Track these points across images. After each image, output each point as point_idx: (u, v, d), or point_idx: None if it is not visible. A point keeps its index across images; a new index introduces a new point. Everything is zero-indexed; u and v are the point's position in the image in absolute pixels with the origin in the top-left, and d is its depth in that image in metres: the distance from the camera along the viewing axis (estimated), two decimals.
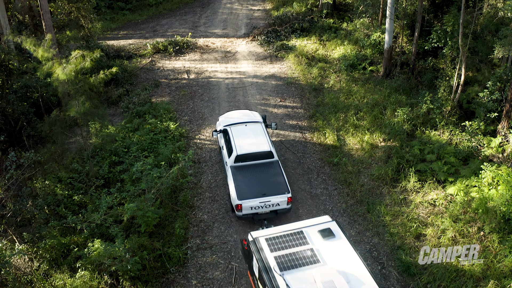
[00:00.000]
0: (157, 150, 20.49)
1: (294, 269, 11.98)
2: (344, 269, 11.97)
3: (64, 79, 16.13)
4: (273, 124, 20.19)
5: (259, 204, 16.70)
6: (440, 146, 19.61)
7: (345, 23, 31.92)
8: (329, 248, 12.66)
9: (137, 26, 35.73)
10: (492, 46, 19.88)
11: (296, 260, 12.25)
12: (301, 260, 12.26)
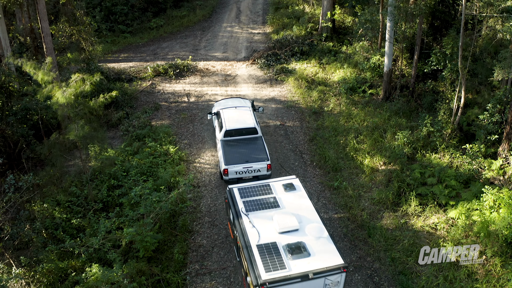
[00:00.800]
0: (156, 173, 20.39)
1: (257, 210, 15.18)
2: (298, 212, 15.06)
3: (64, 102, 16.11)
4: (260, 108, 23.26)
5: (242, 169, 19.42)
6: (440, 169, 19.51)
7: (344, 46, 32.07)
8: (289, 198, 15.85)
9: (138, 49, 35.90)
10: (491, 68, 19.90)
11: (260, 204, 15.45)
12: (264, 205, 15.44)
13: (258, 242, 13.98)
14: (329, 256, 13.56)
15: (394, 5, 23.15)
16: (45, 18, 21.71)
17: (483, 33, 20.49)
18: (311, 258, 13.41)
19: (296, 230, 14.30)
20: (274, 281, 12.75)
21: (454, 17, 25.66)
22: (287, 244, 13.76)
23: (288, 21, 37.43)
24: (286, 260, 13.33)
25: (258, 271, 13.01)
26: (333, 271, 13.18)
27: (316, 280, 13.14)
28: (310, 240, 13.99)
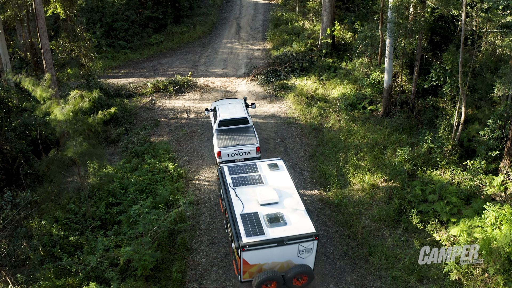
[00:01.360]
0: (155, 191, 20.26)
1: (243, 186, 17.35)
2: (279, 188, 17.12)
3: (62, 119, 16.04)
4: (253, 105, 25.26)
5: (234, 151, 21.49)
6: (441, 186, 19.40)
7: (344, 62, 32.09)
8: (272, 176, 17.98)
9: (138, 65, 35.95)
10: (491, 84, 19.88)
11: (246, 181, 17.63)
12: (250, 181, 17.64)
13: (242, 212, 16.04)
14: (303, 225, 15.42)
15: (394, 21, 23.19)
16: (45, 34, 21.71)
17: (483, 48, 20.49)
18: (287, 227, 15.35)
19: (276, 203, 16.37)
20: (253, 244, 14.73)
21: (453, 33, 25.72)
22: (267, 214, 15.78)
23: (288, 37, 37.52)
24: (265, 228, 15.30)
25: (240, 236, 15.00)
26: (306, 238, 15.06)
27: (291, 245, 15.06)
28: (288, 212, 16.00)
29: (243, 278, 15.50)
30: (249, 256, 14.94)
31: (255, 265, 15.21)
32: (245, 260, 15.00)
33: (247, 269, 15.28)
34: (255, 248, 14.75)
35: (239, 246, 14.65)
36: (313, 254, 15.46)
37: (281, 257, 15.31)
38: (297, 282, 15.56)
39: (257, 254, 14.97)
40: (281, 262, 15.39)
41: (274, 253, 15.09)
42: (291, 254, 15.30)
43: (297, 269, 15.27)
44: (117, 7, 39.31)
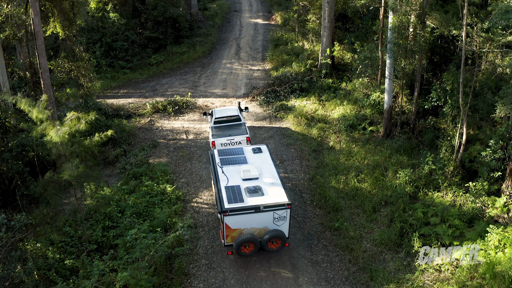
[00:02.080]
0: (153, 214, 19.98)
1: (229, 165, 19.60)
2: (261, 167, 19.31)
3: (58, 141, 15.83)
4: (247, 109, 27.11)
5: (226, 141, 23.70)
6: (443, 208, 19.12)
7: (344, 83, 32.00)
8: (255, 158, 20.17)
9: (137, 85, 35.90)
10: (492, 104, 19.73)
11: (232, 161, 19.89)
12: (236, 161, 19.87)
13: (226, 184, 18.28)
14: (278, 196, 17.61)
15: (394, 42, 23.13)
16: (43, 54, 21.65)
17: (483, 67, 20.38)
18: (264, 197, 17.56)
19: (256, 178, 18.59)
20: (233, 209, 16.97)
21: (453, 52, 25.66)
22: (247, 187, 18.04)
23: (288, 57, 37.52)
24: (245, 197, 17.56)
25: (223, 202, 17.29)
26: (280, 207, 17.22)
27: (267, 213, 17.22)
28: (266, 185, 18.19)
29: (226, 242, 17.66)
30: (231, 221, 17.18)
31: (236, 230, 17.40)
32: (227, 224, 17.24)
33: (229, 233, 17.44)
34: (235, 213, 17.04)
35: (222, 211, 16.98)
36: (287, 222, 17.63)
37: (259, 224, 17.46)
38: (272, 245, 17.62)
39: (237, 219, 17.20)
40: (258, 228, 17.52)
41: (252, 219, 17.31)
42: (267, 221, 17.45)
43: (272, 233, 17.29)
44: (117, 27, 39.41)
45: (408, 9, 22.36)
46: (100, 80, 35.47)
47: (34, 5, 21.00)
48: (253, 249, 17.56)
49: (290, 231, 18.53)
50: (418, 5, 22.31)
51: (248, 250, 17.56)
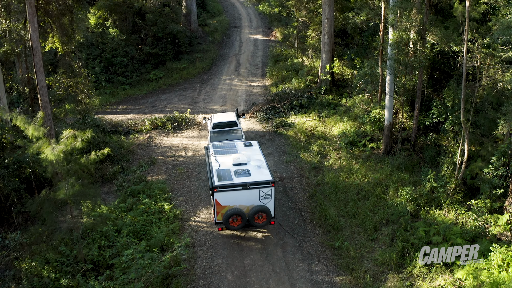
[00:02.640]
0: (150, 232, 19.66)
1: (221, 154, 21.48)
2: (250, 156, 21.11)
3: (53, 159, 15.57)
4: (244, 115, 28.95)
5: None
6: (446, 226, 18.79)
7: (344, 99, 31.84)
8: (246, 150, 21.93)
9: (137, 101, 35.75)
10: (494, 120, 19.54)
11: (225, 152, 21.73)
12: (228, 152, 21.68)
13: (218, 168, 20.20)
14: (263, 176, 19.51)
15: (394, 58, 22.99)
16: (41, 70, 21.52)
17: (483, 82, 20.19)
18: (250, 177, 19.45)
19: (245, 163, 20.41)
20: (222, 185, 18.91)
21: (453, 68, 25.51)
22: (236, 169, 19.96)
23: (287, 73, 37.44)
24: (233, 177, 19.47)
25: (213, 181, 19.21)
26: (264, 184, 19.07)
27: (253, 190, 19.06)
28: (253, 168, 20.11)
29: (217, 219, 19.39)
30: (220, 197, 19.00)
31: (225, 207, 19.18)
32: (217, 201, 19.05)
33: (220, 210, 19.21)
34: (224, 189, 18.94)
35: (212, 187, 18.87)
36: (272, 201, 19.37)
37: (246, 201, 19.23)
38: (258, 219, 19.31)
39: (226, 196, 19.05)
40: (246, 206, 19.30)
41: (240, 196, 19.12)
42: (254, 198, 19.22)
43: (257, 208, 19.10)
44: (116, 42, 39.38)
45: (408, 25, 22.27)
46: (99, 96, 35.33)
47: (32, 21, 20.91)
48: (240, 223, 19.29)
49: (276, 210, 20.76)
50: (418, 21, 22.22)
51: (236, 224, 19.30)
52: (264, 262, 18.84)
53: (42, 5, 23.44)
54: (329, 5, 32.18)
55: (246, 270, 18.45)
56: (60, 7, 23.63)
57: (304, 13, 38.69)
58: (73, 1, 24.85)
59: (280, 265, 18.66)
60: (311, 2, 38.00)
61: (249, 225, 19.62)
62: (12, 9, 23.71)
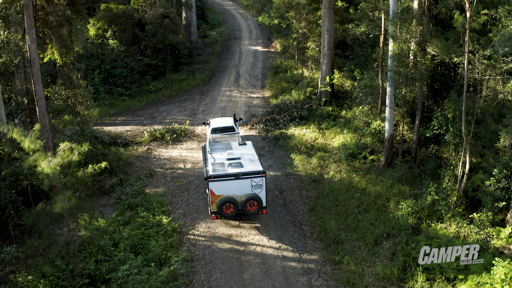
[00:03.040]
0: (148, 246, 19.40)
1: (217, 151, 23.01)
2: (243, 152, 22.64)
3: (49, 173, 15.36)
4: (241, 120, 30.30)
5: None
6: (447, 240, 18.55)
7: (344, 110, 31.69)
8: (240, 148, 23.43)
9: (136, 112, 35.61)
10: (495, 132, 19.37)
11: (220, 150, 23.23)
12: (223, 149, 23.29)
13: (213, 162, 21.72)
14: (254, 167, 20.96)
15: (394, 70, 22.86)
16: (39, 81, 21.38)
17: (484, 93, 20.05)
18: (242, 168, 20.89)
19: (238, 158, 21.92)
20: (216, 175, 20.34)
21: (454, 79, 25.37)
22: (229, 162, 21.45)
23: (287, 85, 37.33)
24: (227, 168, 21.00)
25: (208, 171, 20.82)
26: (255, 174, 20.45)
27: (245, 180, 20.45)
28: (245, 161, 21.58)
29: (211, 208, 20.58)
30: (214, 187, 20.28)
31: (219, 196, 20.34)
32: (212, 190, 20.29)
33: (214, 199, 20.39)
34: (218, 179, 20.26)
35: (207, 177, 20.28)
36: (263, 191, 20.70)
37: (239, 191, 20.49)
38: (250, 207, 20.56)
39: (220, 185, 20.32)
40: (239, 195, 20.52)
41: (233, 186, 20.37)
42: (246, 188, 20.51)
43: (249, 196, 20.42)
44: (116, 54, 39.34)
45: (408, 36, 22.15)
46: (99, 107, 35.24)
47: (30, 32, 20.81)
48: (233, 210, 20.44)
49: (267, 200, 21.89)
50: (418, 32, 22.12)
51: (229, 211, 20.45)
52: (263, 277, 18.56)
53: (42, 16, 23.36)
54: (329, 17, 32.13)
55: (245, 285, 18.17)
56: (59, 18, 23.53)
57: (304, 24, 38.69)
58: (72, 12, 24.78)
59: (280, 280, 18.37)
60: (310, 13, 38.03)
61: (241, 213, 20.78)
62: (11, 20, 23.62)
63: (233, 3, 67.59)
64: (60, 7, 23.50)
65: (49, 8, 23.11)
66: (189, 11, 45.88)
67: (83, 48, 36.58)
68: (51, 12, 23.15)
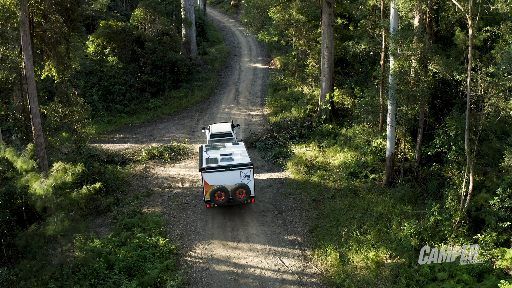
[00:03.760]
0: (143, 269, 18.88)
1: (212, 150, 24.76)
2: (235, 150, 24.54)
3: (42, 194, 14.93)
4: (238, 126, 31.34)
5: None
6: (451, 262, 18.04)
7: (344, 128, 31.34)
8: (233, 147, 25.23)
9: (134, 130, 35.28)
10: (499, 150, 18.98)
11: (214, 149, 24.94)
12: (217, 147, 25.16)
13: (207, 157, 23.68)
14: (243, 160, 23.15)
15: (396, 88, 22.54)
16: (34, 99, 21.07)
17: (485, 110, 19.69)
18: (232, 161, 23.06)
19: (230, 154, 23.98)
20: (208, 167, 22.43)
21: (455, 96, 25.06)
22: (222, 158, 23.52)
23: (287, 102, 37.07)
24: (219, 161, 23.14)
25: (202, 164, 22.91)
26: (244, 166, 22.58)
27: (234, 171, 22.51)
28: (236, 156, 23.79)
29: (205, 198, 22.57)
30: (208, 177, 22.32)
31: (212, 186, 22.34)
32: (205, 181, 22.33)
33: (207, 189, 22.38)
34: (211, 170, 22.35)
35: (201, 169, 22.45)
36: (252, 181, 22.73)
37: (230, 181, 22.49)
38: (239, 195, 22.43)
39: (213, 176, 22.37)
40: (230, 185, 22.50)
41: (224, 177, 22.44)
42: (236, 179, 22.53)
43: (238, 184, 22.36)
44: (115, 71, 39.08)
45: (409, 54, 21.87)
46: (97, 124, 35.04)
47: (26, 49, 20.57)
48: (224, 198, 22.30)
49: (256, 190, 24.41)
50: (419, 49, 21.85)
51: (221, 199, 22.29)
52: None
53: (39, 33, 23.12)
54: (329, 34, 31.94)
55: None
56: (56, 35, 23.28)
57: (303, 41, 38.57)
58: (70, 29, 24.55)
59: None
60: (310, 30, 37.94)
61: (232, 201, 22.61)
62: (7, 36, 23.37)
63: (233, 20, 67.77)
64: (57, 23, 23.28)
65: (46, 25, 22.90)
66: (188, 28, 45.84)
67: (82, 65, 36.43)
68: (48, 29, 22.91)
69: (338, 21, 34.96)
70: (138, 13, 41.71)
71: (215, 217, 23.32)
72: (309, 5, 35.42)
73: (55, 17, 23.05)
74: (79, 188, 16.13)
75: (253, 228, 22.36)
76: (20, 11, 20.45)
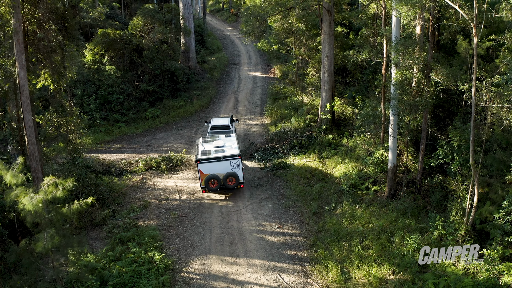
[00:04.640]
0: (138, 285, 18.27)
1: (207, 142, 27.58)
2: (227, 142, 27.27)
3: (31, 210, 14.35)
4: (237, 120, 34.80)
5: None
6: (456, 278, 17.56)
7: (345, 138, 30.80)
8: (226, 139, 28.07)
9: (132, 140, 34.74)
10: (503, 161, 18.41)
11: (209, 141, 27.71)
12: (211, 141, 27.78)
13: (203, 150, 26.46)
14: (233, 152, 25.96)
15: (398, 98, 22.01)
16: (28, 109, 20.58)
17: (489, 120, 19.16)
18: (224, 153, 25.81)
19: (223, 146, 26.69)
20: (203, 159, 25.27)
21: (458, 106, 24.52)
22: (215, 150, 26.30)
23: (287, 112, 36.56)
24: (212, 153, 25.78)
25: (198, 156, 25.63)
26: (233, 157, 25.47)
27: (225, 161, 25.40)
28: (227, 148, 26.51)
29: (201, 184, 25.53)
30: (203, 167, 25.30)
31: (206, 174, 25.31)
32: (201, 170, 25.32)
33: (203, 177, 25.34)
34: (205, 161, 25.27)
35: (196, 160, 25.38)
36: (240, 170, 25.62)
37: (221, 170, 25.47)
38: (229, 182, 25.49)
39: (207, 166, 25.33)
40: (222, 173, 25.45)
41: (216, 166, 25.38)
42: (226, 168, 25.47)
43: (229, 173, 25.39)
44: (113, 79, 38.61)
45: (411, 63, 21.36)
46: (94, 134, 34.54)
47: (20, 58, 20.14)
48: (217, 185, 25.39)
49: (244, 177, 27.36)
50: (422, 58, 21.34)
51: (214, 186, 25.33)
52: None
53: (34, 42, 22.65)
54: (329, 43, 31.49)
55: None
56: (51, 43, 22.81)
57: (303, 50, 38.13)
58: (65, 38, 24.07)
59: None
60: (310, 39, 37.53)
61: (224, 187, 25.72)
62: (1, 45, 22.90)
63: (232, 29, 67.44)
64: (52, 32, 22.80)
65: (40, 33, 22.42)
66: (187, 37, 45.42)
67: (80, 74, 35.98)
68: (42, 38, 22.43)
69: (339, 29, 34.53)
70: (137, 22, 41.26)
71: (212, 231, 22.73)
72: (309, 14, 34.95)
73: (49, 25, 22.57)
74: (71, 203, 15.55)
75: (252, 243, 21.75)
76: (14, 20, 20.00)
